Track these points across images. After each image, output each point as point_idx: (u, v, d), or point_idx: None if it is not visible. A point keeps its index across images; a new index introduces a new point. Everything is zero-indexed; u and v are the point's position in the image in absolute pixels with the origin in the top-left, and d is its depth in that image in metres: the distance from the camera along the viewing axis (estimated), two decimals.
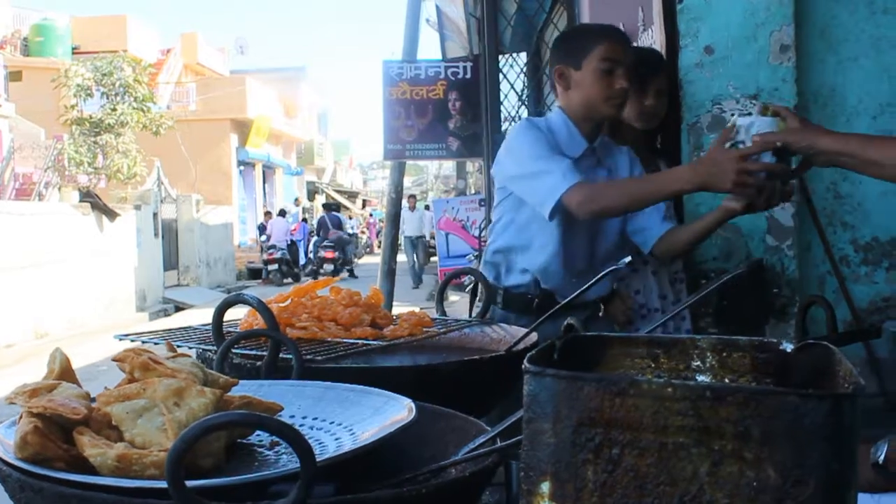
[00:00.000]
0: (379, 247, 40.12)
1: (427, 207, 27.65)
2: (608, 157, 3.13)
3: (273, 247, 28.23)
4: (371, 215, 50.95)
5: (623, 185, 2.93)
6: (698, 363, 1.30)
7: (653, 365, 1.31)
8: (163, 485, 1.16)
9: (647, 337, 1.33)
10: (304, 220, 34.57)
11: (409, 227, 25.57)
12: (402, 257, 20.49)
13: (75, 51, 30.87)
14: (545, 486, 1.05)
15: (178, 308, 21.54)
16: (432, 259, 25.70)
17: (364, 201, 60.15)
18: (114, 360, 1.55)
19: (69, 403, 1.38)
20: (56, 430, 1.38)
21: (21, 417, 1.43)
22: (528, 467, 1.07)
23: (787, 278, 3.27)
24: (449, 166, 41.01)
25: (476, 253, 10.45)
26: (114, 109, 22.14)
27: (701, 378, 1.29)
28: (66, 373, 1.56)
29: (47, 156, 22.66)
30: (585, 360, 1.31)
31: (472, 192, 22.39)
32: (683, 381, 0.98)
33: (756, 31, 3.19)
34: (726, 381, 1.28)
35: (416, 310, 2.57)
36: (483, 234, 9.26)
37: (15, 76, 26.73)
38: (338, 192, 51.29)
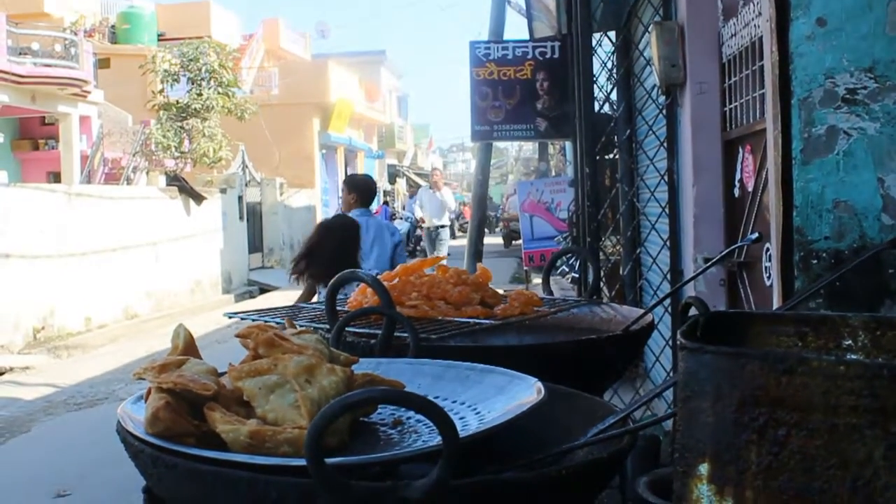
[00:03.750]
0: (459, 230, 40.13)
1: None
2: None
3: None
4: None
5: None
6: (849, 342, 1.23)
7: (800, 344, 1.25)
8: (301, 462, 1.14)
9: (794, 314, 1.27)
10: (386, 203, 34.73)
11: (429, 212, 19.04)
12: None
13: (161, 37, 31.33)
14: (703, 468, 1.00)
15: (263, 290, 21.76)
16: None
17: (445, 184, 60.18)
18: (237, 335, 1.54)
19: (199, 379, 1.37)
20: (185, 406, 1.37)
21: (149, 393, 1.42)
22: (685, 447, 1.02)
23: None
24: (529, 148, 40.78)
25: (565, 234, 10.35)
26: (199, 94, 22.41)
27: (853, 357, 1.23)
28: (189, 348, 1.55)
29: (135, 141, 23.09)
30: (729, 338, 1.25)
31: (553, 174, 22.11)
32: (857, 359, 0.93)
33: (872, 1, 3.07)
34: (880, 361, 1.22)
35: (524, 289, 2.53)
36: (571, 215, 9.18)
37: (103, 63, 27.20)
38: (418, 175, 51.41)
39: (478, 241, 14.46)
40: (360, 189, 7.11)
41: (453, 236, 38.58)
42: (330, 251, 5.73)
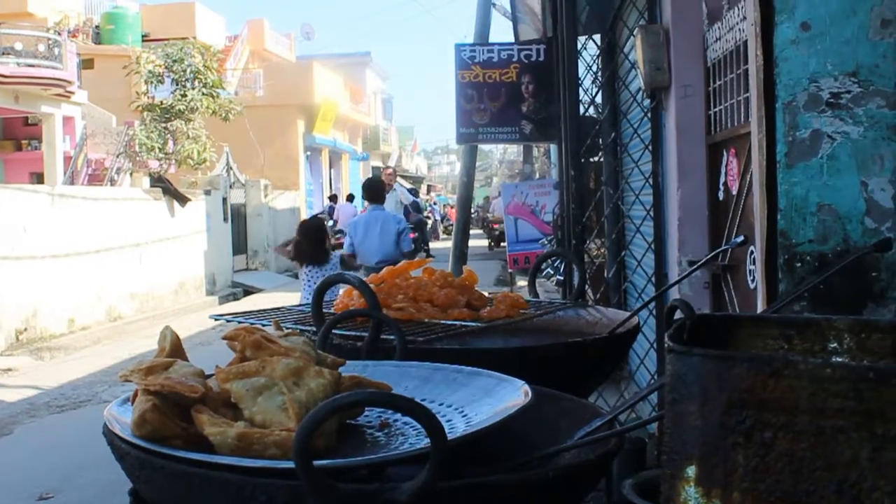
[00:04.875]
0: (444, 232, 40.03)
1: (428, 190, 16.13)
2: None
3: (340, 231, 28.51)
4: (435, 202, 51.03)
5: None
6: (835, 345, 1.24)
7: (786, 346, 1.26)
8: (288, 464, 1.14)
9: (780, 317, 1.28)
10: None
11: None
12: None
13: (145, 38, 31.21)
14: (691, 470, 1.00)
15: (247, 292, 21.73)
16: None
17: (429, 186, 60.31)
18: (224, 338, 1.54)
19: (186, 381, 1.37)
20: (172, 408, 1.37)
21: (136, 395, 1.42)
22: (672, 450, 1.03)
23: (886, 261, 3.16)
24: (514, 151, 40.83)
25: (550, 237, 10.35)
26: (184, 95, 22.33)
27: (838, 360, 1.23)
28: (176, 350, 1.55)
29: (119, 142, 23.00)
30: (715, 341, 1.26)
31: (538, 176, 22.10)
32: (843, 362, 0.93)
33: (855, 6, 3.08)
34: (865, 363, 1.22)
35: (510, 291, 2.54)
36: (556, 218, 9.20)
37: (87, 64, 27.04)
38: (403, 177, 51.42)
39: (462, 244, 14.46)
40: (366, 190, 9.88)
41: (436, 238, 38.34)
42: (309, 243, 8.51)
